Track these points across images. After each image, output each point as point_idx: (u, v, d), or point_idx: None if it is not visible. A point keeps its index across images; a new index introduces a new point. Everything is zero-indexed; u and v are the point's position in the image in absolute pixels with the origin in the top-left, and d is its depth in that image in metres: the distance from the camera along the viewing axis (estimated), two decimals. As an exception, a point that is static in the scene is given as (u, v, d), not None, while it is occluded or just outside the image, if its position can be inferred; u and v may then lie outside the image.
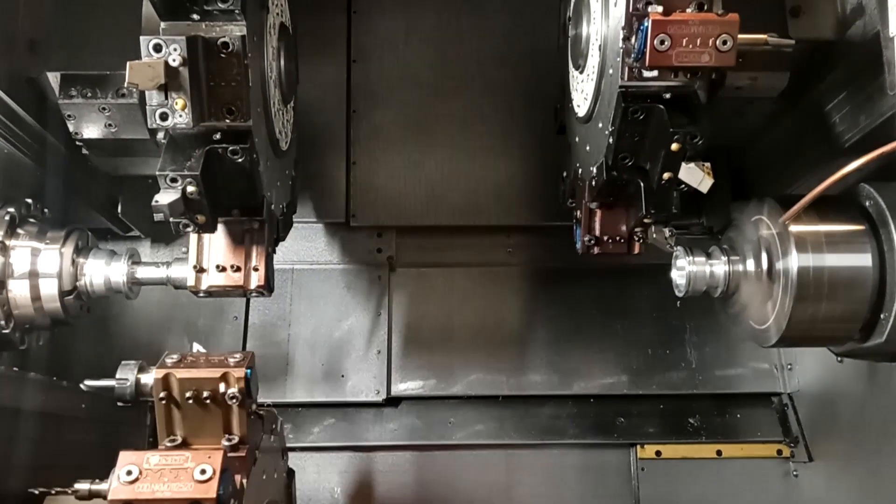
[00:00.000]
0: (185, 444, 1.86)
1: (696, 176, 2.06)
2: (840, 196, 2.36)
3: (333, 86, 3.45)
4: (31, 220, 2.40)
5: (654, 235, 2.43)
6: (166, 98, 1.83)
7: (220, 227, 2.29)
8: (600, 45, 2.23)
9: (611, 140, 2.12)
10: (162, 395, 1.84)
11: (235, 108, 1.94)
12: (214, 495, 1.59)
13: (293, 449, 3.22)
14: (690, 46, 1.88)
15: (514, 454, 3.34)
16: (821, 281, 2.21)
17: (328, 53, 3.46)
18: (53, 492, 2.01)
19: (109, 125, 2.47)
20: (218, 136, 1.96)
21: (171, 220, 1.98)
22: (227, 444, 1.84)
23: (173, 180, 1.91)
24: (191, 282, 2.34)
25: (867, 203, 2.27)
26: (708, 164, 2.07)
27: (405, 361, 3.36)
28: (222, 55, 1.88)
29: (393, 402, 3.34)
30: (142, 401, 2.05)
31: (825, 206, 2.27)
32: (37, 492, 2.05)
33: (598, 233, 2.54)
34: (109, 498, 1.58)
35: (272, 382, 3.28)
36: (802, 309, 2.22)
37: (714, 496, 3.26)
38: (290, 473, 2.52)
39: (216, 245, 2.34)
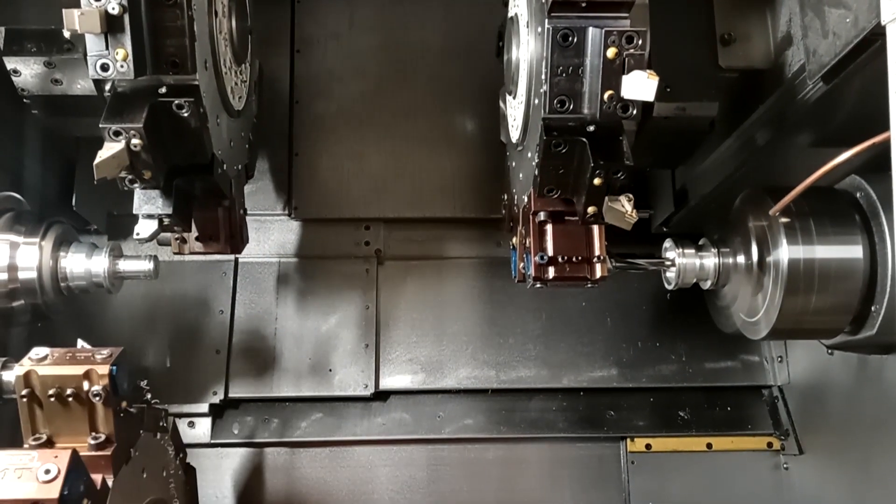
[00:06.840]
0: (49, 443, 1.83)
1: (617, 214, 2.00)
2: (831, 187, 2.34)
3: (276, 76, 3.40)
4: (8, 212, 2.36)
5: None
6: (107, 48, 1.76)
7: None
8: (527, 72, 2.15)
9: (536, 172, 2.05)
10: (24, 392, 1.81)
11: (180, 60, 1.89)
12: (57, 496, 1.55)
13: (280, 444, 3.24)
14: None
15: (504, 448, 3.31)
16: (811, 273, 2.19)
17: (272, 43, 3.40)
18: None
19: (56, 81, 2.40)
20: (164, 89, 1.91)
21: (117, 176, 1.90)
22: (92, 442, 1.82)
23: (116, 133, 1.83)
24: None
25: (858, 194, 2.25)
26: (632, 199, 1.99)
27: (393, 355, 3.33)
28: (165, 5, 1.82)
29: (381, 396, 3.30)
30: (6, 398, 2.02)
31: (816, 198, 2.25)
32: None
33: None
34: None
35: (259, 377, 3.24)
36: (793, 301, 2.21)
37: (704, 489, 3.25)
38: (189, 471, 2.50)
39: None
